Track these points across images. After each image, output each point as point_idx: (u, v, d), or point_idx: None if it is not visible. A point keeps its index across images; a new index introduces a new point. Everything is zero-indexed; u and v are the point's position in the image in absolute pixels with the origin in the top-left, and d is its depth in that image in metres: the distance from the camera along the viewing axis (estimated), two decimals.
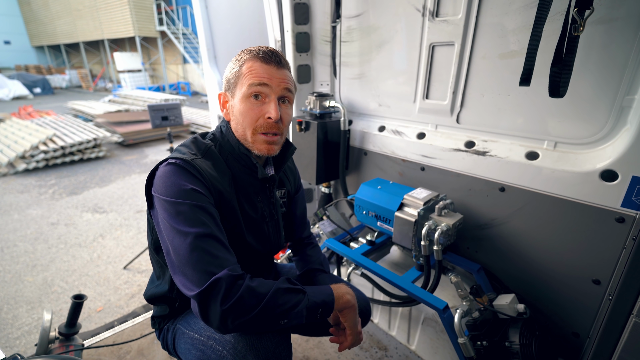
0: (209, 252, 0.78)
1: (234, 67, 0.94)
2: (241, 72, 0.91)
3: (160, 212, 0.83)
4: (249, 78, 0.89)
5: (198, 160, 0.88)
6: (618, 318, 0.88)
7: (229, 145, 0.97)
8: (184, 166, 0.85)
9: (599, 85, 1.14)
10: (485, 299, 1.28)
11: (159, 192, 0.84)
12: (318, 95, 1.94)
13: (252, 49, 0.92)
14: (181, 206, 0.80)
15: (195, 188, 0.83)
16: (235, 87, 0.93)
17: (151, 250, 1.04)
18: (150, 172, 0.90)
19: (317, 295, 0.87)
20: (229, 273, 0.76)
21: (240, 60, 0.93)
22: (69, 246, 3.10)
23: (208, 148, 0.95)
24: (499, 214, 1.45)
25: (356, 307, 0.95)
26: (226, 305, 0.74)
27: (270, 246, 1.07)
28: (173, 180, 0.83)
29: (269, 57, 0.90)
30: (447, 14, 1.47)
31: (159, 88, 16.01)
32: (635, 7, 1.02)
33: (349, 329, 0.95)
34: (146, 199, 0.92)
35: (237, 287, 0.76)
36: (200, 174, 0.86)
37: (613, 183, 1.11)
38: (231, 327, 0.76)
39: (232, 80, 0.94)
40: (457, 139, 1.58)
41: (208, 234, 0.79)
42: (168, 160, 0.87)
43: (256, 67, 0.89)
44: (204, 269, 0.76)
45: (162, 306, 1.06)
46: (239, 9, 2.82)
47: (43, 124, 6.34)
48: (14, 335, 2.06)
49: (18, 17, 19.63)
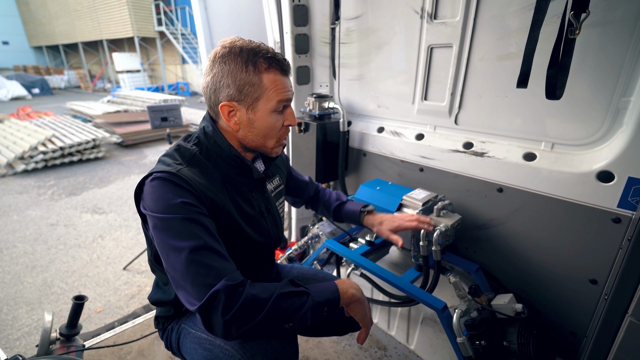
0: (204, 264, 0.77)
1: (246, 75, 0.85)
2: (264, 85, 0.87)
3: (152, 229, 0.82)
4: (276, 94, 0.89)
5: (184, 170, 0.85)
6: (614, 317, 0.89)
7: (216, 147, 0.94)
8: (170, 179, 0.82)
9: (595, 87, 1.15)
10: (483, 298, 1.29)
11: (149, 209, 0.82)
12: (317, 96, 1.95)
13: (264, 55, 0.87)
14: (172, 221, 0.79)
15: (185, 200, 0.81)
16: (257, 100, 0.88)
17: (152, 261, 1.03)
18: (137, 186, 0.87)
19: (321, 295, 0.86)
20: (226, 283, 0.75)
21: (255, 70, 0.86)
22: (69, 247, 3.10)
23: (193, 155, 0.91)
24: (497, 214, 1.46)
25: (362, 300, 0.94)
26: (228, 316, 0.74)
27: (271, 240, 1.08)
28: (160, 194, 0.81)
29: (287, 68, 0.91)
30: (445, 16, 1.48)
31: (157, 88, 15.99)
32: (630, 10, 1.03)
33: (360, 322, 0.95)
34: (138, 213, 0.89)
35: (237, 296, 0.75)
36: (188, 185, 0.83)
37: (609, 184, 1.12)
38: (236, 335, 0.76)
39: (249, 92, 0.87)
40: (455, 140, 1.59)
41: (202, 246, 0.78)
42: (153, 175, 0.84)
43: (280, 81, 0.89)
44: (201, 282, 0.75)
45: (166, 307, 1.07)
46: (238, 10, 2.83)
47: (42, 125, 6.34)
48: (14, 337, 2.07)
49: (16, 18, 19.60)
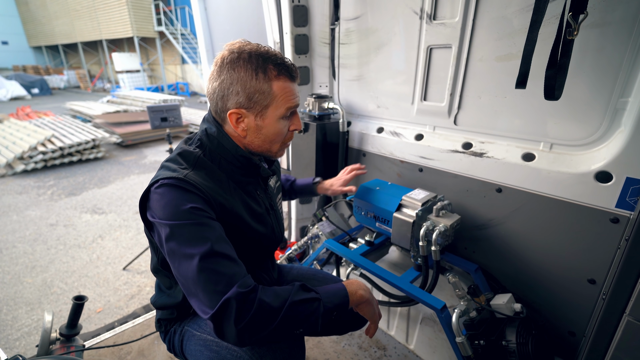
0: (215, 271, 0.76)
1: (256, 82, 0.86)
2: (273, 93, 0.88)
3: (162, 236, 0.81)
4: (285, 100, 0.91)
5: (191, 175, 0.85)
6: (612, 317, 0.90)
7: (221, 148, 0.94)
8: (177, 185, 0.82)
9: (593, 88, 1.16)
10: (482, 298, 1.30)
11: (157, 217, 0.81)
12: (317, 96, 1.96)
13: (273, 61, 0.87)
14: (181, 228, 0.78)
15: (194, 205, 0.80)
16: (266, 108, 0.90)
17: (157, 267, 1.01)
18: (143, 193, 0.86)
19: (331, 300, 0.87)
20: (238, 290, 0.74)
21: (265, 77, 0.87)
22: (68, 247, 3.10)
23: (197, 158, 0.91)
24: (496, 214, 1.47)
25: (371, 299, 0.97)
26: (241, 325, 0.73)
27: (275, 237, 1.09)
28: (168, 201, 0.80)
29: (296, 75, 0.93)
30: (444, 17, 1.49)
31: (157, 88, 15.98)
32: (628, 11, 1.04)
33: (370, 320, 0.99)
34: (143, 221, 0.88)
35: (250, 304, 0.75)
36: (197, 189, 0.83)
37: (607, 184, 1.13)
38: (249, 343, 0.77)
39: (259, 100, 0.88)
40: (454, 141, 1.60)
41: (212, 252, 0.77)
42: (160, 182, 0.83)
43: (288, 88, 0.91)
44: (212, 290, 0.74)
45: (169, 310, 1.06)
46: (238, 10, 2.83)
47: (41, 125, 6.33)
48: (14, 337, 2.07)
49: (16, 18, 19.58)
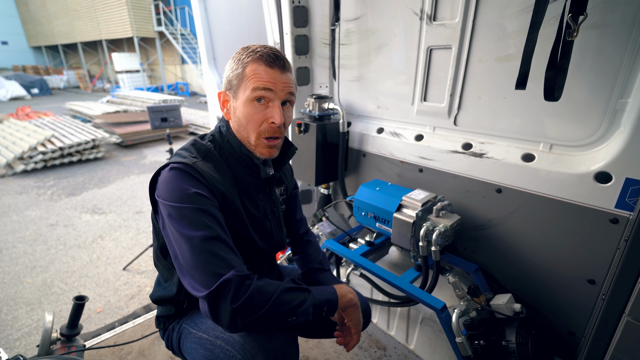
0: (215, 254, 0.79)
1: (236, 67, 0.91)
2: (245, 74, 0.90)
3: (165, 217, 0.84)
4: (253, 82, 0.89)
5: (199, 163, 0.89)
6: (611, 317, 0.90)
7: (229, 146, 0.97)
8: (186, 170, 0.85)
9: (593, 88, 1.16)
10: (482, 298, 1.30)
11: (163, 197, 0.85)
12: (317, 97, 1.96)
13: (255, 49, 0.90)
14: (185, 210, 0.81)
15: (199, 191, 0.84)
16: (238, 88, 0.92)
17: (157, 254, 1.04)
18: (153, 176, 0.90)
19: (321, 294, 0.89)
20: (237, 273, 0.78)
21: (242, 61, 0.90)
22: (68, 247, 3.10)
23: (208, 150, 0.95)
24: (496, 215, 1.47)
25: (359, 306, 0.97)
26: (236, 304, 0.75)
27: (273, 243, 1.08)
28: (176, 184, 0.84)
29: (273, 60, 0.89)
30: (444, 18, 1.49)
31: (157, 89, 15.98)
32: (627, 12, 1.04)
33: (354, 327, 0.97)
34: (151, 203, 0.93)
35: (246, 287, 0.78)
36: (202, 177, 0.86)
37: (607, 185, 1.13)
38: (241, 326, 0.78)
39: (234, 82, 0.92)
40: (454, 141, 1.60)
41: (214, 237, 0.80)
42: (170, 165, 0.87)
43: (260, 71, 0.89)
44: (211, 271, 0.77)
45: (167, 306, 1.07)
46: (238, 10, 2.83)
47: (41, 125, 6.33)
48: (14, 337, 2.07)
49: (15, 18, 19.56)
